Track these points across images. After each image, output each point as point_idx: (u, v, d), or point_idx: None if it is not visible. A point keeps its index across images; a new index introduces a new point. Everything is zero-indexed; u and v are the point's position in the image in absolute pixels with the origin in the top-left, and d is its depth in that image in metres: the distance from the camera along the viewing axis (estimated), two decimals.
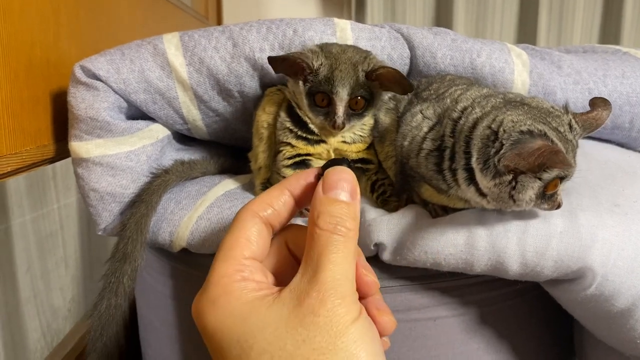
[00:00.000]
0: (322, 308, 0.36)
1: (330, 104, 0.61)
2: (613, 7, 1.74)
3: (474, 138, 0.49)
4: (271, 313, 0.37)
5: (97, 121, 0.63)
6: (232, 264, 0.40)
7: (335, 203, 0.41)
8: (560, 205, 0.51)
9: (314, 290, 0.37)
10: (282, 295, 0.38)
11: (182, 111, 0.69)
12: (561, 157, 0.43)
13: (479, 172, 0.48)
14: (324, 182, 0.42)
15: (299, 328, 0.36)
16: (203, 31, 0.68)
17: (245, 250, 0.41)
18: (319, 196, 0.42)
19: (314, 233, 0.40)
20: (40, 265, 1.04)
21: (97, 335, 0.59)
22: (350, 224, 0.40)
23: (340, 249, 0.39)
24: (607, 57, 0.76)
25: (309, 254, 0.39)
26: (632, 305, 0.52)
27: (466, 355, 0.62)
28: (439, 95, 0.61)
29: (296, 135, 0.64)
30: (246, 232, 0.42)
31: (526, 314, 0.64)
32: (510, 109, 0.50)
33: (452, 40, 0.68)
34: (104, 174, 0.64)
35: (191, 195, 0.68)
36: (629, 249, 0.52)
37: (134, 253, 0.61)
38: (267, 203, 0.43)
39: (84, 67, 0.64)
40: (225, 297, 0.38)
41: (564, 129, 0.49)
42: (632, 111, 0.71)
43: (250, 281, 0.40)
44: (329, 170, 0.43)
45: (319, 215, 0.40)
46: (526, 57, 0.69)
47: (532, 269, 0.53)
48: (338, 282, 0.38)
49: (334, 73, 0.60)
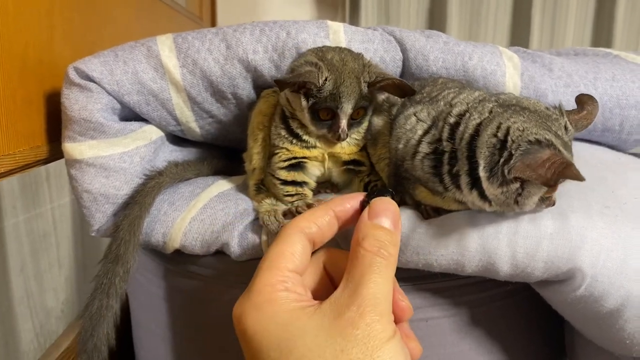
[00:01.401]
0: (362, 322, 0.38)
1: (333, 117, 0.61)
2: (605, 10, 1.75)
3: (480, 146, 0.49)
4: (312, 322, 0.39)
5: (90, 122, 0.63)
6: (276, 275, 0.43)
7: (381, 229, 0.44)
8: (554, 203, 0.52)
9: (354, 305, 0.39)
10: (322, 306, 0.40)
11: (175, 113, 0.70)
12: (574, 170, 0.44)
13: (486, 181, 0.49)
14: (371, 209, 0.46)
15: (338, 338, 0.38)
16: (197, 33, 0.68)
17: (289, 263, 0.44)
18: (365, 220, 0.46)
19: (358, 253, 0.43)
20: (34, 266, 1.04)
21: (87, 335, 0.59)
22: (393, 250, 0.44)
23: (382, 271, 0.42)
24: (597, 60, 0.77)
25: (352, 271, 0.42)
26: (621, 306, 0.52)
27: (458, 355, 0.62)
28: (432, 98, 0.61)
29: (291, 141, 0.65)
30: (292, 246, 0.44)
31: (517, 315, 0.65)
32: (513, 115, 0.50)
33: (444, 43, 0.69)
34: (97, 175, 0.64)
35: (185, 196, 0.68)
36: (618, 250, 0.52)
37: (126, 255, 0.61)
38: (312, 221, 0.47)
39: (78, 68, 0.64)
40: (268, 304, 0.41)
41: (562, 133, 0.50)
42: (622, 114, 0.72)
43: (293, 292, 0.42)
44: (376, 199, 0.47)
45: (364, 237, 0.43)
46: (517, 59, 0.70)
47: (522, 270, 0.53)
48: (378, 300, 0.40)
49: (339, 89, 0.59)
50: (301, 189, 0.65)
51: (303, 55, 0.64)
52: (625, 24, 1.73)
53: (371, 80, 0.61)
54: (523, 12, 1.78)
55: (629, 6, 1.73)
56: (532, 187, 0.48)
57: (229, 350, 0.66)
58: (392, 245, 0.44)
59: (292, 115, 0.64)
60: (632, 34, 1.75)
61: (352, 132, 0.64)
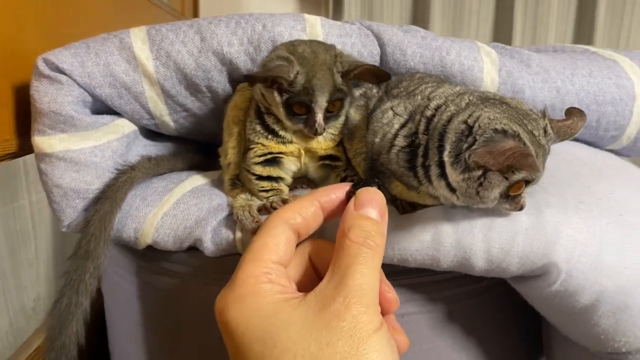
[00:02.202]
0: (348, 314, 0.38)
1: (308, 111, 0.60)
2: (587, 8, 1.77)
3: (449, 132, 0.49)
4: (296, 314, 0.39)
5: (60, 115, 0.62)
6: (260, 266, 0.42)
7: (366, 219, 0.44)
8: (523, 208, 0.51)
9: (340, 296, 0.39)
10: (307, 298, 0.40)
11: (148, 106, 0.68)
12: (530, 161, 0.43)
13: (450, 166, 0.48)
14: (357, 199, 0.46)
15: (324, 331, 0.37)
16: (171, 25, 0.67)
17: (273, 255, 0.43)
18: (350, 211, 0.45)
19: (344, 243, 0.42)
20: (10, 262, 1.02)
21: (56, 333, 0.58)
22: (379, 240, 0.43)
23: (368, 261, 0.41)
24: (575, 56, 0.77)
25: (337, 262, 0.41)
26: (595, 301, 0.52)
27: (434, 351, 0.62)
28: (409, 93, 0.61)
29: (266, 137, 0.64)
30: (275, 237, 0.44)
31: (493, 311, 0.65)
32: (488, 106, 0.50)
33: (422, 38, 0.68)
34: (67, 170, 0.63)
35: (157, 191, 0.67)
36: (592, 245, 0.52)
37: (97, 250, 0.60)
38: (297, 212, 0.46)
39: (48, 60, 0.62)
40: (252, 296, 0.40)
41: (539, 133, 0.49)
42: (599, 110, 0.72)
43: (276, 284, 0.41)
44: (362, 189, 0.46)
45: (350, 228, 0.43)
46: (495, 55, 0.70)
47: (497, 265, 0.53)
48: (364, 291, 0.39)
49: (312, 82, 0.59)
50: (277, 184, 0.64)
51: (275, 49, 0.63)
52: (606, 21, 1.75)
53: (344, 70, 0.60)
54: (506, 9, 1.79)
55: (609, 4, 1.74)
56: (493, 177, 0.47)
57: (204, 347, 0.66)
58: (379, 235, 0.43)
59: (268, 110, 0.63)
60: (613, 31, 1.77)
61: (329, 126, 0.63)
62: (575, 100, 0.71)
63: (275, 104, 0.61)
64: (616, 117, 0.73)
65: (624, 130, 0.75)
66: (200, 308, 0.64)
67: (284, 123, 0.62)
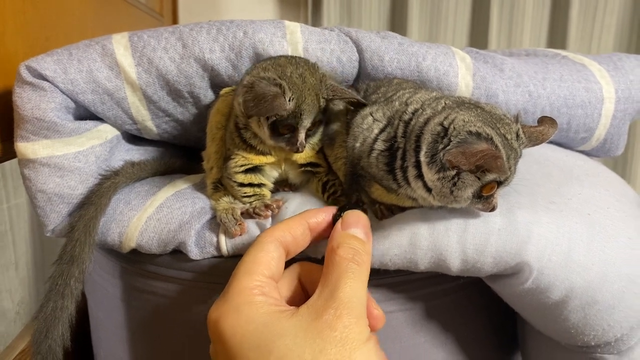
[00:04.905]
0: (339, 324, 0.40)
1: (292, 131, 0.61)
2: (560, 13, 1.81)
3: (425, 133, 0.51)
4: (291, 323, 0.41)
5: (43, 122, 0.62)
6: (254, 279, 0.44)
7: (354, 238, 0.47)
8: (495, 209, 0.53)
9: (331, 308, 0.41)
10: (300, 310, 0.42)
11: (131, 111, 0.69)
12: (499, 163, 0.46)
13: (426, 166, 0.50)
14: (344, 221, 0.50)
15: (317, 339, 0.39)
16: (153, 32, 0.68)
17: (266, 270, 0.45)
18: (338, 230, 0.49)
19: (334, 259, 0.45)
20: None
21: (42, 337, 0.58)
22: (366, 258, 0.46)
23: (356, 276, 0.44)
24: (547, 60, 0.79)
25: (327, 277, 0.44)
26: (565, 297, 0.54)
27: (413, 349, 0.64)
28: (388, 99, 0.62)
29: (245, 149, 0.64)
30: (268, 253, 0.47)
31: (470, 307, 0.66)
32: (464, 110, 0.51)
33: (399, 44, 0.70)
34: (51, 175, 0.64)
35: (141, 195, 0.68)
36: (562, 244, 0.54)
37: (81, 255, 0.61)
38: (287, 230, 0.49)
39: (30, 67, 0.63)
40: (247, 306, 0.42)
41: (511, 137, 0.51)
42: (570, 113, 0.74)
43: (270, 297, 0.44)
44: (348, 212, 0.51)
45: (339, 245, 0.46)
46: (470, 60, 0.72)
47: (472, 265, 0.55)
48: (353, 303, 0.42)
49: (301, 107, 0.59)
50: (259, 190, 0.65)
51: (261, 67, 0.62)
52: (578, 26, 1.79)
53: (328, 98, 0.62)
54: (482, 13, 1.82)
55: (582, 10, 1.79)
56: (467, 177, 0.49)
57: (187, 349, 0.66)
58: (365, 253, 0.47)
59: (246, 126, 0.64)
60: (585, 35, 1.81)
61: (308, 141, 0.64)
62: (546, 103, 0.73)
63: (257, 124, 0.61)
64: (585, 120, 0.75)
65: (593, 132, 0.77)
66: (181, 310, 0.65)
67: (263, 139, 0.63)
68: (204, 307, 0.63)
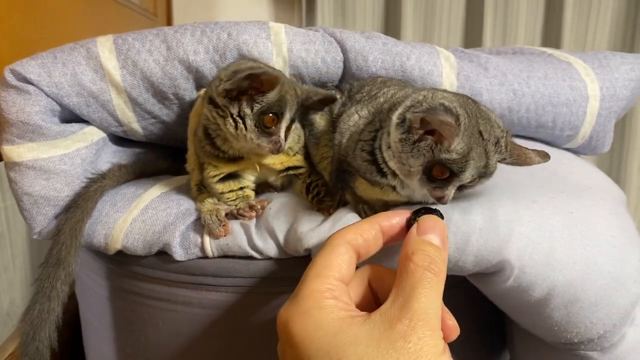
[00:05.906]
0: (413, 335, 0.38)
1: (276, 125, 0.59)
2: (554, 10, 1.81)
3: (405, 101, 0.52)
4: (362, 331, 0.39)
5: (29, 125, 0.63)
6: (325, 282, 0.43)
7: (430, 245, 0.45)
8: (444, 201, 0.52)
9: (405, 318, 0.39)
10: (372, 317, 0.40)
11: (116, 114, 0.69)
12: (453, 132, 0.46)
13: (394, 126, 0.51)
14: (420, 226, 0.47)
15: (390, 350, 0.38)
16: (137, 34, 0.68)
17: (336, 272, 0.44)
18: (414, 236, 0.46)
19: (408, 267, 0.43)
20: None
21: (29, 339, 0.59)
22: (442, 266, 0.44)
23: (432, 286, 0.42)
24: (532, 58, 0.79)
25: (401, 284, 0.42)
26: (547, 295, 0.54)
27: None
28: (372, 97, 0.63)
29: (217, 156, 0.64)
30: (339, 256, 0.45)
31: (456, 306, 0.65)
32: (447, 93, 0.52)
33: (383, 44, 0.70)
34: (37, 178, 0.64)
35: (127, 197, 0.68)
36: (543, 242, 0.54)
37: (68, 258, 0.61)
38: (359, 233, 0.47)
39: (14, 70, 0.63)
40: (317, 310, 0.41)
41: (488, 137, 0.51)
42: (554, 111, 0.75)
43: (340, 301, 0.42)
44: (425, 217, 0.48)
45: (414, 252, 0.44)
46: (454, 59, 0.72)
47: (454, 264, 0.55)
48: (429, 315, 0.40)
49: (285, 96, 0.59)
50: (241, 192, 0.66)
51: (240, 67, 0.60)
52: (573, 25, 1.79)
53: (303, 97, 0.62)
54: (476, 13, 1.82)
55: (576, 10, 1.79)
56: (423, 146, 0.50)
57: (174, 348, 0.67)
58: (442, 261, 0.44)
59: (216, 132, 0.63)
60: (579, 34, 1.82)
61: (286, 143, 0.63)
62: (531, 101, 0.73)
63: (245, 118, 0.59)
64: (571, 118, 0.76)
65: (579, 129, 0.77)
66: (169, 310, 0.66)
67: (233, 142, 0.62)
68: (189, 307, 0.64)
